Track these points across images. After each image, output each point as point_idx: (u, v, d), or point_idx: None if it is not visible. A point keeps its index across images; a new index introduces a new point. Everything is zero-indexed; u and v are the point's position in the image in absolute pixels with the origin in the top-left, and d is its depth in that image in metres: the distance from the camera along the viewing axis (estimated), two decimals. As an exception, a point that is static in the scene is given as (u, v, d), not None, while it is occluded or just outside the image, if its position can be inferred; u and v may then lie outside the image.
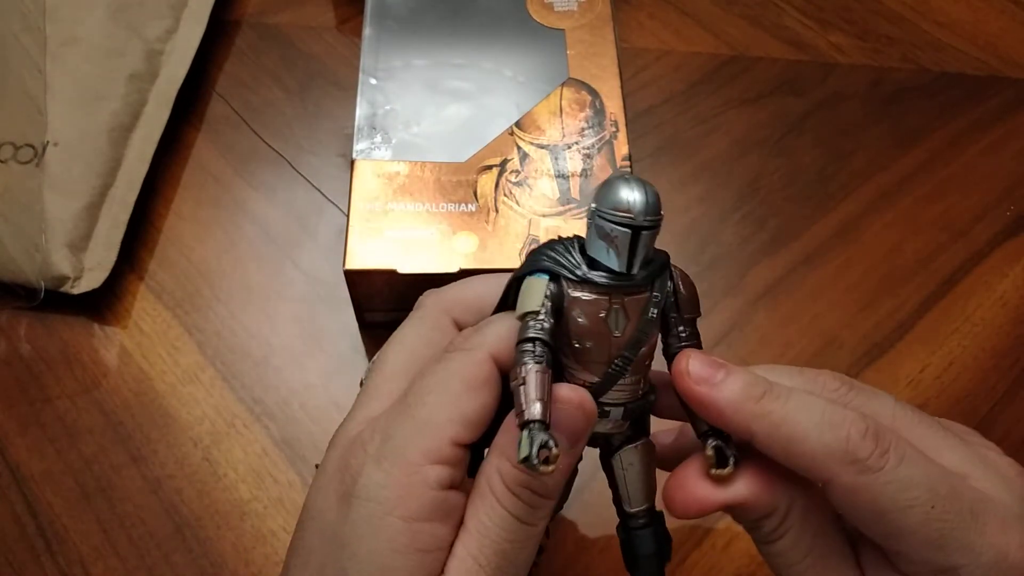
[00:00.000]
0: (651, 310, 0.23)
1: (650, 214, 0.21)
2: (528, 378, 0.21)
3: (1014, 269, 0.44)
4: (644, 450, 0.25)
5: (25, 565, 0.35)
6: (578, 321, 0.23)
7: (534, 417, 0.21)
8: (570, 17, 0.45)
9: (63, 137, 0.43)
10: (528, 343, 0.22)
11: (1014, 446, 0.39)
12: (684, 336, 0.24)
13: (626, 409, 0.24)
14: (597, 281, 0.22)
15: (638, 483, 0.25)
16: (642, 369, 0.24)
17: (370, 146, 0.40)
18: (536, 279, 0.23)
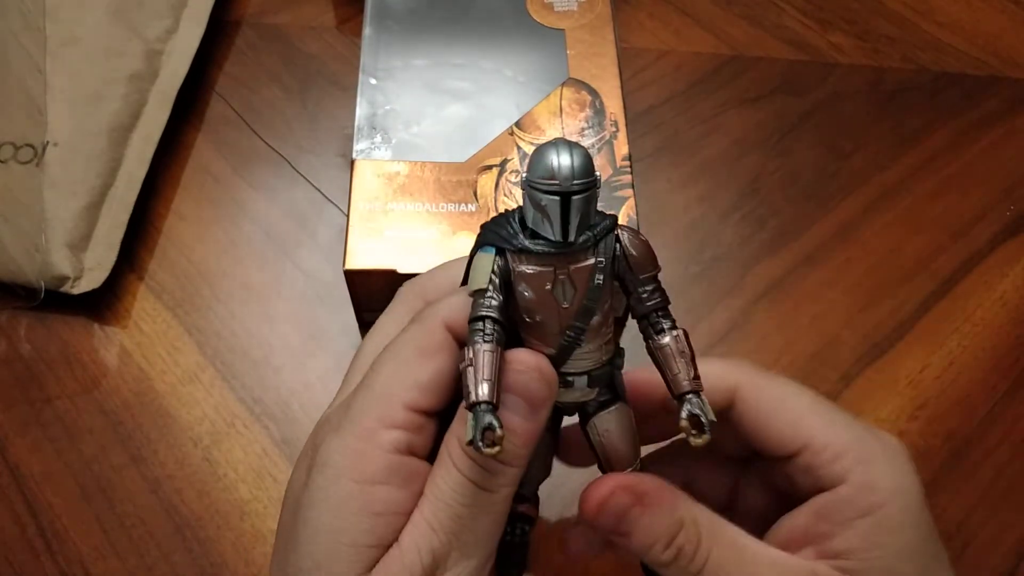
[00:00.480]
0: (596, 277, 0.22)
1: (579, 178, 0.21)
2: (476, 359, 0.21)
3: (1014, 269, 0.44)
4: (619, 414, 0.25)
5: (25, 565, 0.35)
6: (525, 295, 0.22)
7: (480, 398, 0.21)
8: (570, 17, 0.45)
9: (63, 137, 0.43)
10: (478, 322, 0.22)
11: (1014, 446, 0.39)
12: (646, 296, 0.23)
13: (590, 377, 0.23)
14: (536, 250, 0.22)
15: (619, 447, 0.25)
16: (600, 336, 0.23)
17: (370, 146, 0.40)
18: (483, 254, 0.22)
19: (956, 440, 0.39)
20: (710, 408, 0.22)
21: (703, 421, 0.22)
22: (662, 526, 0.23)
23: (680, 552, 0.23)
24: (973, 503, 0.37)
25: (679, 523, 0.23)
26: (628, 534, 0.23)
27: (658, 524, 0.23)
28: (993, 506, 0.37)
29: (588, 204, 0.21)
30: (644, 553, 0.23)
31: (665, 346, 0.23)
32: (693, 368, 0.22)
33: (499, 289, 0.22)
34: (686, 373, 0.22)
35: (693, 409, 0.22)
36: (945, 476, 0.38)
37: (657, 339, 0.23)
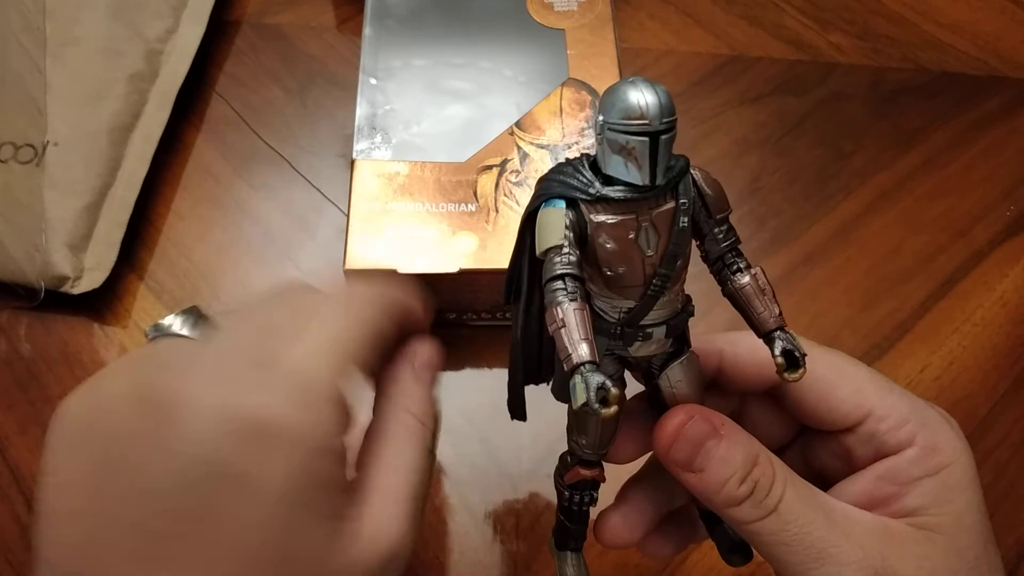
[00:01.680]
0: (681, 219, 0.21)
1: (666, 116, 0.19)
2: (568, 319, 0.20)
3: (1014, 269, 0.44)
4: (689, 363, 0.24)
5: (25, 565, 0.35)
6: (606, 247, 0.21)
7: (583, 359, 0.19)
8: (570, 17, 0.45)
9: (63, 137, 0.43)
10: (558, 280, 0.20)
11: (1014, 446, 0.39)
12: (721, 237, 0.22)
13: (668, 326, 0.22)
14: (617, 198, 0.20)
15: (691, 397, 0.24)
16: (679, 281, 0.22)
17: (370, 146, 0.40)
18: (552, 209, 0.21)
19: (956, 440, 0.39)
20: (800, 341, 0.21)
21: (797, 355, 0.21)
22: (739, 457, 0.22)
23: (757, 486, 0.22)
24: (973, 503, 0.37)
25: (755, 456, 0.22)
26: (702, 468, 0.22)
27: (736, 455, 0.22)
28: (993, 506, 0.37)
29: (672, 144, 0.20)
30: (716, 491, 0.22)
31: (746, 285, 0.22)
32: (776, 305, 0.22)
33: (574, 244, 0.21)
34: (770, 311, 0.22)
35: (786, 345, 0.21)
36: (945, 476, 0.38)
37: (736, 279, 0.22)
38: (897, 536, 0.23)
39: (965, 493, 0.23)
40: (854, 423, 0.24)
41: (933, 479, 0.23)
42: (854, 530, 0.22)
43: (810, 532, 0.22)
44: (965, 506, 0.23)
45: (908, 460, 0.23)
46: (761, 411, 0.27)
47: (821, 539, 0.22)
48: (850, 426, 0.24)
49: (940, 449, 0.23)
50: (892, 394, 0.24)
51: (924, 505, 0.23)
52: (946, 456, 0.23)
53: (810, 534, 0.22)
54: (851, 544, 0.22)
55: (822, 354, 0.25)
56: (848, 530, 0.22)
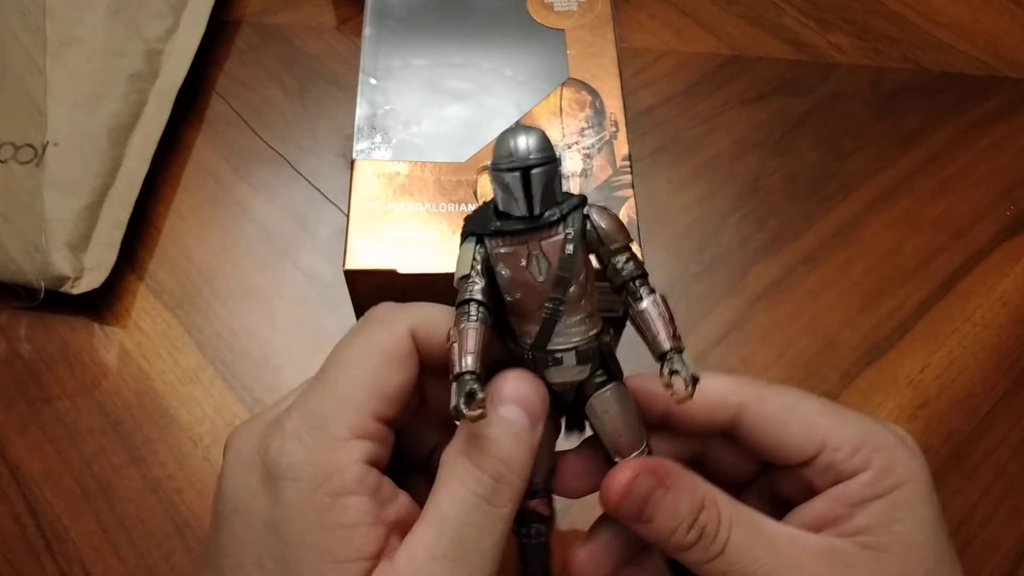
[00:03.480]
0: (567, 247, 0.23)
1: (535, 152, 0.22)
2: (461, 336, 0.22)
3: (1014, 269, 0.44)
4: (616, 393, 0.25)
5: (25, 565, 0.35)
6: (503, 275, 0.23)
7: (465, 369, 0.21)
8: (570, 17, 0.45)
9: (63, 137, 0.43)
10: (463, 305, 0.23)
11: (1014, 446, 0.39)
12: (621, 265, 0.24)
13: (578, 352, 0.24)
14: (507, 230, 0.23)
15: (621, 428, 0.24)
16: (581, 309, 0.24)
17: (370, 146, 0.40)
18: (464, 246, 0.24)
19: (956, 440, 0.39)
20: (692, 364, 0.22)
21: (684, 378, 0.22)
22: (685, 506, 0.23)
23: (703, 532, 0.23)
24: (973, 503, 0.37)
25: (700, 502, 0.23)
26: (651, 519, 0.23)
27: (682, 504, 0.23)
28: (993, 506, 0.37)
29: (549, 179, 0.23)
30: (667, 538, 0.23)
31: (644, 310, 0.23)
32: (673, 328, 0.23)
33: (481, 274, 0.23)
34: (666, 333, 0.23)
35: (675, 366, 0.22)
36: (945, 476, 0.38)
37: (636, 305, 0.23)
38: (844, 556, 0.23)
39: (917, 511, 0.23)
40: (810, 456, 0.24)
41: (882, 499, 0.23)
42: (802, 557, 0.23)
43: (757, 569, 0.22)
44: (915, 524, 0.23)
45: (861, 483, 0.24)
46: (722, 451, 0.27)
47: (768, 572, 0.22)
48: (806, 460, 0.25)
49: (892, 470, 0.24)
50: (845, 422, 0.25)
51: (871, 525, 0.23)
52: (898, 476, 0.24)
53: (757, 571, 0.22)
54: (798, 572, 0.23)
55: (772, 393, 0.25)
56: (795, 559, 0.23)
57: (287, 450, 0.22)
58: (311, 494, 0.21)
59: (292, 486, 0.22)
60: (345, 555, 0.21)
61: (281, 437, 0.22)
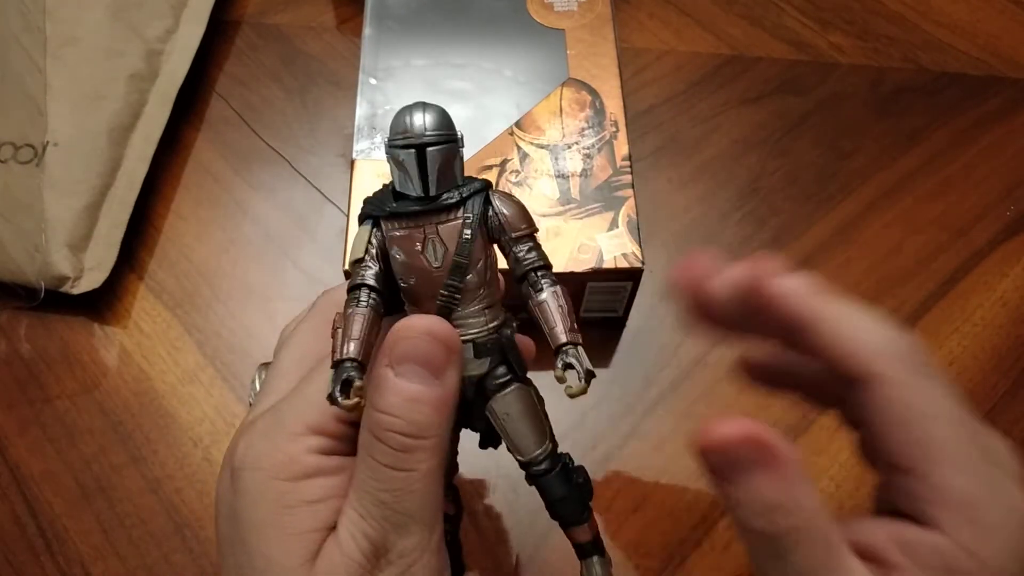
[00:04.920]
0: (465, 232, 0.22)
1: (431, 130, 0.21)
2: (347, 321, 0.22)
3: (1014, 269, 0.44)
4: (518, 395, 0.24)
5: (25, 565, 0.35)
6: (398, 259, 0.22)
7: (345, 356, 0.21)
8: (570, 17, 0.45)
9: (63, 137, 0.43)
10: (354, 290, 0.22)
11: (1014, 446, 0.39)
12: (523, 254, 0.23)
13: (476, 345, 0.23)
14: (402, 211, 0.22)
15: (522, 430, 0.24)
16: (480, 299, 0.23)
17: (370, 146, 0.40)
18: (360, 229, 0.23)
19: (956, 440, 0.39)
20: (587, 358, 0.22)
21: (578, 371, 0.21)
22: (770, 498, 0.21)
23: (773, 527, 0.21)
24: (973, 503, 0.37)
25: (786, 503, 0.21)
26: (732, 484, 0.21)
27: (768, 494, 0.21)
28: (993, 506, 0.37)
29: (446, 159, 0.22)
30: (734, 508, 0.21)
31: (543, 301, 0.23)
32: (571, 320, 0.22)
33: (376, 258, 0.23)
34: (563, 325, 0.22)
35: (567, 360, 0.22)
36: (945, 476, 0.38)
37: (536, 296, 0.23)
38: None
39: None
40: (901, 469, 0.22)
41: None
42: None
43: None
44: None
45: (931, 547, 0.21)
46: None
47: None
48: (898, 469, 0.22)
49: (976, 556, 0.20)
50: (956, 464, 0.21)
51: None
52: (974, 565, 0.20)
53: None
54: None
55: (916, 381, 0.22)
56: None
57: (251, 445, 0.24)
58: (269, 481, 0.23)
59: (250, 476, 0.23)
60: (309, 526, 0.23)
61: (249, 435, 0.24)
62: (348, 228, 0.37)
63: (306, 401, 0.24)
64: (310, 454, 0.23)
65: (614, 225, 0.38)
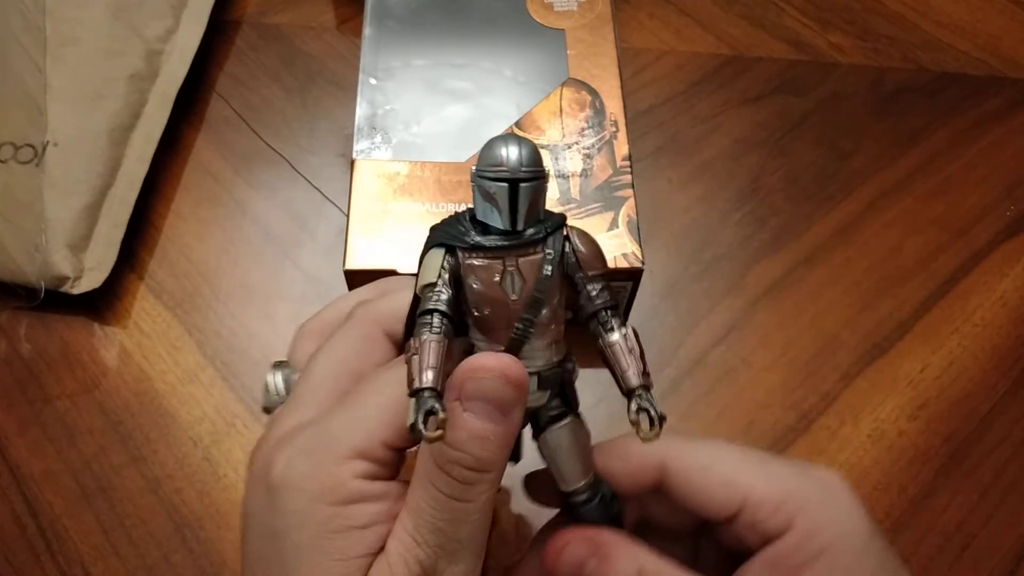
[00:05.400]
0: (545, 267, 0.22)
1: (527, 166, 0.21)
2: (421, 349, 0.21)
3: (1014, 269, 0.44)
4: (571, 428, 0.24)
5: (25, 565, 0.35)
6: (474, 288, 0.22)
7: (424, 385, 0.21)
8: (570, 17, 0.45)
9: (63, 137, 0.43)
10: (426, 315, 0.22)
11: (1014, 446, 0.39)
12: (596, 293, 0.23)
13: (540, 378, 0.23)
14: (486, 244, 0.22)
15: (570, 463, 0.24)
16: (550, 333, 0.23)
17: (370, 146, 0.40)
18: (432, 253, 0.23)
19: (956, 440, 0.39)
20: (657, 403, 0.22)
21: (652, 415, 0.21)
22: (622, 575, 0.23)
23: None
24: (973, 503, 0.37)
25: (636, 572, 0.23)
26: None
27: (618, 573, 0.23)
28: (993, 506, 0.37)
29: (536, 195, 0.22)
30: None
31: (615, 343, 0.23)
32: (643, 363, 0.22)
33: (448, 284, 0.22)
34: (635, 369, 0.22)
35: (642, 404, 0.22)
36: (945, 476, 0.38)
37: (607, 336, 0.23)
38: None
39: (856, 570, 0.23)
40: (731, 513, 0.24)
41: (817, 563, 0.23)
42: None
43: None
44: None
45: (789, 546, 0.23)
46: (660, 506, 0.27)
47: None
48: (729, 516, 0.24)
49: (819, 531, 0.23)
50: (765, 477, 0.24)
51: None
52: (826, 536, 0.23)
53: None
54: None
55: (691, 449, 0.25)
56: None
57: (292, 464, 0.23)
58: (314, 504, 0.22)
59: (293, 497, 0.22)
60: (355, 552, 0.22)
61: (289, 452, 0.23)
62: (348, 228, 0.37)
63: (354, 423, 0.23)
64: (356, 479, 0.23)
65: (614, 225, 0.38)
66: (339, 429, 0.23)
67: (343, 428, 0.23)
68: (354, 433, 0.23)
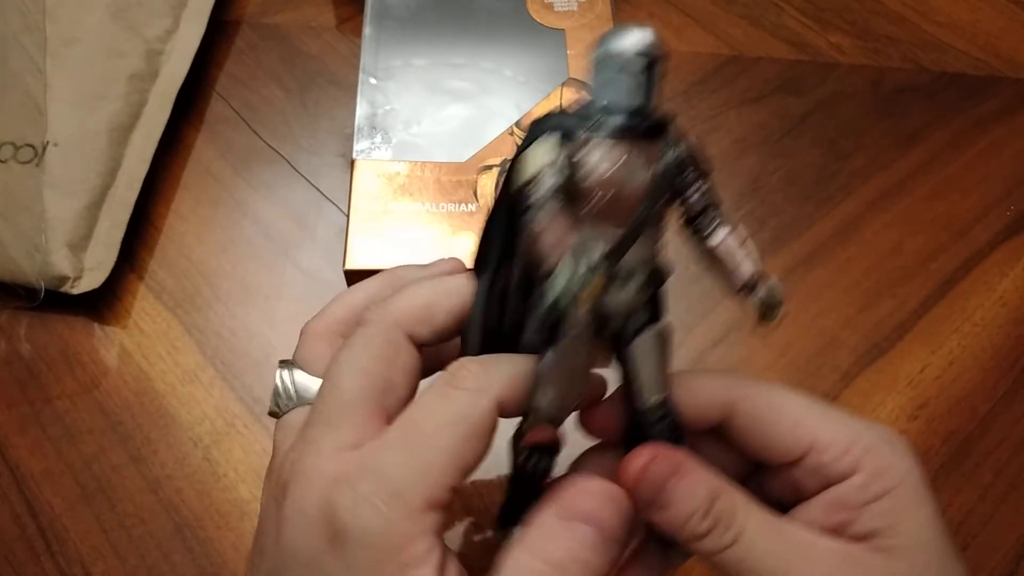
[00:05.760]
0: (669, 154, 0.21)
1: (658, 51, 0.21)
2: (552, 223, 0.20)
3: (1014, 269, 0.44)
4: (661, 337, 0.23)
5: (25, 565, 0.35)
6: (593, 173, 0.21)
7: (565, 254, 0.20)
8: (570, 17, 0.45)
9: (63, 137, 0.43)
10: (545, 196, 0.21)
11: (1014, 446, 0.39)
12: (702, 193, 0.22)
13: (649, 275, 0.22)
14: (611, 127, 0.21)
15: (657, 373, 0.24)
16: (659, 230, 0.22)
17: (370, 146, 0.40)
18: (542, 141, 0.21)
19: (956, 440, 0.39)
20: (780, 289, 0.21)
21: (776, 302, 0.21)
22: (701, 494, 0.22)
23: (718, 521, 0.22)
24: (973, 503, 0.37)
25: (717, 491, 0.23)
26: (667, 505, 0.23)
27: (698, 491, 0.22)
28: (993, 506, 0.37)
29: (660, 81, 0.21)
30: (682, 525, 0.23)
31: (725, 240, 0.22)
32: (755, 256, 0.22)
33: (561, 171, 0.21)
34: (750, 263, 0.22)
35: (763, 292, 0.21)
36: (945, 476, 0.38)
37: (715, 235, 0.22)
38: (857, 559, 0.23)
39: (918, 512, 0.23)
40: (797, 456, 0.24)
41: (882, 502, 0.23)
42: (814, 555, 0.23)
43: (771, 560, 0.22)
44: (919, 525, 0.23)
45: (854, 487, 0.23)
46: (712, 448, 0.27)
47: (782, 566, 0.22)
48: (793, 460, 0.24)
49: (886, 472, 0.23)
50: (833, 422, 0.24)
51: (877, 528, 0.23)
52: (892, 478, 0.23)
53: (770, 562, 0.22)
54: (812, 569, 0.22)
55: (761, 391, 0.25)
56: (809, 555, 0.23)
57: (361, 515, 0.21)
58: (382, 563, 0.21)
59: (365, 554, 0.21)
60: None
61: (352, 498, 0.22)
62: (348, 228, 0.37)
63: (423, 470, 0.22)
64: (426, 534, 0.21)
65: (614, 225, 0.38)
66: (408, 477, 0.22)
67: (413, 476, 0.22)
68: (426, 481, 0.22)
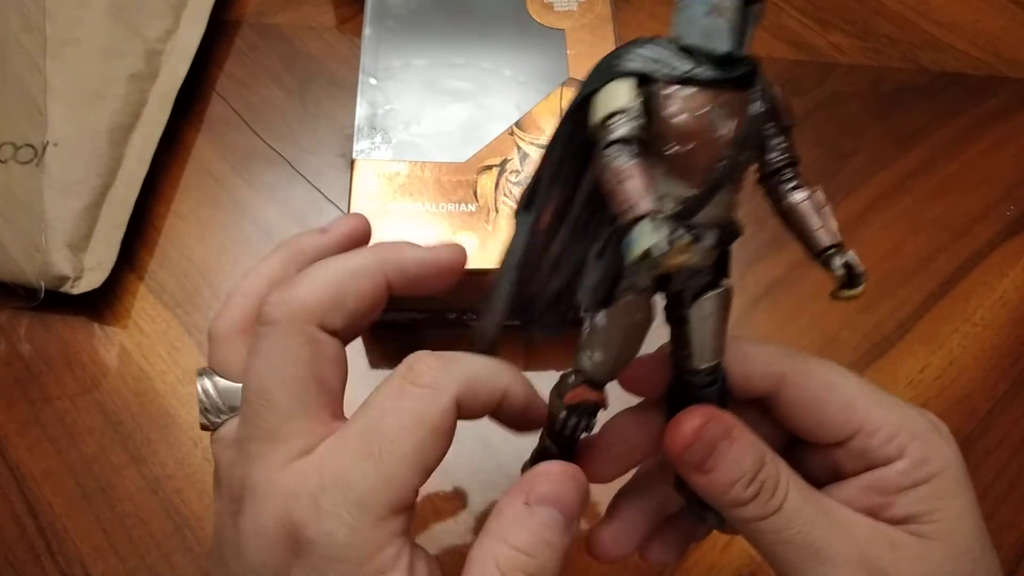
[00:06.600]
0: (755, 104, 0.20)
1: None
2: (635, 172, 0.18)
3: (1014, 269, 0.44)
4: (723, 299, 0.22)
5: (25, 565, 0.35)
6: (675, 121, 0.19)
7: (650, 209, 0.18)
8: (570, 17, 0.45)
9: (63, 137, 0.43)
10: (621, 143, 0.18)
11: (1014, 446, 0.39)
12: (783, 148, 0.21)
13: (722, 232, 0.21)
14: (698, 72, 0.19)
15: (716, 334, 0.22)
16: (739, 186, 0.21)
17: (370, 146, 0.40)
18: (620, 81, 0.19)
19: (956, 440, 0.39)
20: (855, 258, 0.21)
21: (858, 273, 0.21)
22: (748, 459, 0.22)
23: (763, 487, 0.22)
24: (973, 503, 0.37)
25: (763, 458, 0.22)
26: (713, 469, 0.22)
27: (745, 457, 0.22)
28: (993, 506, 0.37)
29: (754, 26, 0.19)
30: (724, 492, 0.22)
31: (803, 200, 0.22)
32: (835, 223, 0.21)
33: (641, 114, 0.19)
34: (828, 227, 0.21)
35: (847, 259, 0.21)
36: (945, 476, 0.38)
37: (793, 194, 0.22)
38: (895, 541, 0.23)
39: (958, 499, 0.23)
40: (844, 438, 0.24)
41: (923, 487, 0.23)
42: (853, 531, 0.22)
43: (811, 531, 0.22)
44: (959, 512, 0.23)
45: (897, 471, 0.23)
46: (751, 419, 0.26)
47: (821, 538, 0.22)
48: (840, 440, 0.24)
49: (930, 459, 0.23)
50: (882, 406, 0.24)
51: (916, 513, 0.23)
52: (936, 465, 0.23)
53: (811, 533, 0.22)
54: (850, 544, 0.22)
55: (815, 367, 0.25)
56: (847, 531, 0.22)
57: (326, 528, 0.21)
58: (353, 574, 0.21)
59: (334, 566, 0.21)
60: None
61: (316, 511, 0.21)
62: (348, 228, 0.37)
63: (387, 479, 0.21)
64: (395, 538, 0.21)
65: (614, 225, 0.38)
66: (373, 486, 0.21)
67: (378, 485, 0.21)
68: (391, 488, 0.21)
